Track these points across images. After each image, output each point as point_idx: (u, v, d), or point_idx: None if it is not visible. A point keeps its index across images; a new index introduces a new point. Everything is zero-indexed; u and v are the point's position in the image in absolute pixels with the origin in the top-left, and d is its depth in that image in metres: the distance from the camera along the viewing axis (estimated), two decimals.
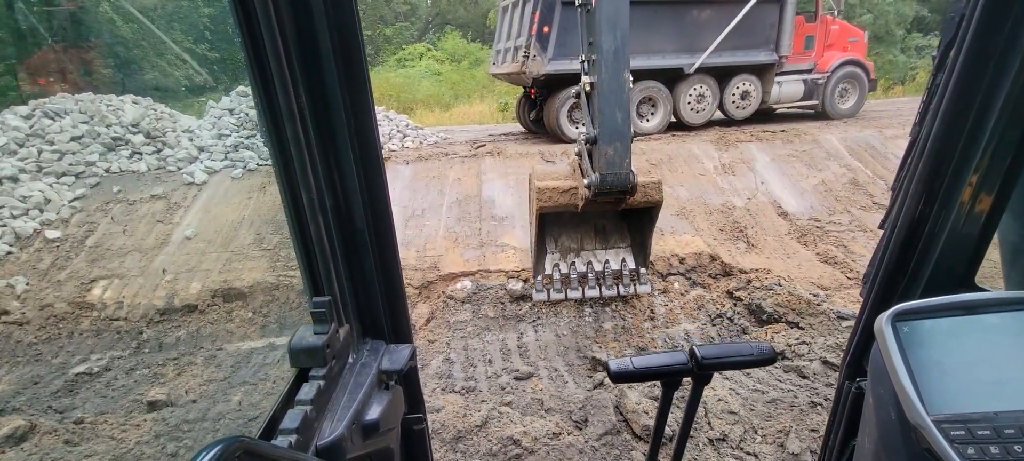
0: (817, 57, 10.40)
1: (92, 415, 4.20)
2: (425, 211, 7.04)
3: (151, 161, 7.89)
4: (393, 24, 28.63)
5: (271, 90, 0.82)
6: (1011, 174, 0.99)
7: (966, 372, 0.94)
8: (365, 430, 0.93)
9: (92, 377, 4.96)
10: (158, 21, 11.49)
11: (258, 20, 0.77)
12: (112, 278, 6.09)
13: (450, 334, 5.33)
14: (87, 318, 5.76)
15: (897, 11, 21.06)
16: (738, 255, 6.27)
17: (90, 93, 8.82)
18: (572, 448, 2.69)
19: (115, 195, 7.23)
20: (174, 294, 5.89)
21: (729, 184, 7.47)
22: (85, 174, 7.48)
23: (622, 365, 1.20)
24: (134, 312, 5.79)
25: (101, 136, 7.99)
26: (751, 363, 1.23)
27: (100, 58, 10.30)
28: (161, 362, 5.23)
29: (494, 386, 4.20)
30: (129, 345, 5.53)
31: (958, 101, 0.97)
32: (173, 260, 6.30)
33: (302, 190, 0.89)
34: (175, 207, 7.09)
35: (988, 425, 0.87)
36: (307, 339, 0.90)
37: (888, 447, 1.03)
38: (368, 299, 1.09)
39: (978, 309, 0.98)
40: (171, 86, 11.03)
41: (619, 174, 3.97)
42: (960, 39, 0.95)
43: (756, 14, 8.95)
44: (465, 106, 18.04)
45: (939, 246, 1.08)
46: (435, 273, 6.06)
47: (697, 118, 9.69)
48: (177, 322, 5.75)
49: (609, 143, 3.94)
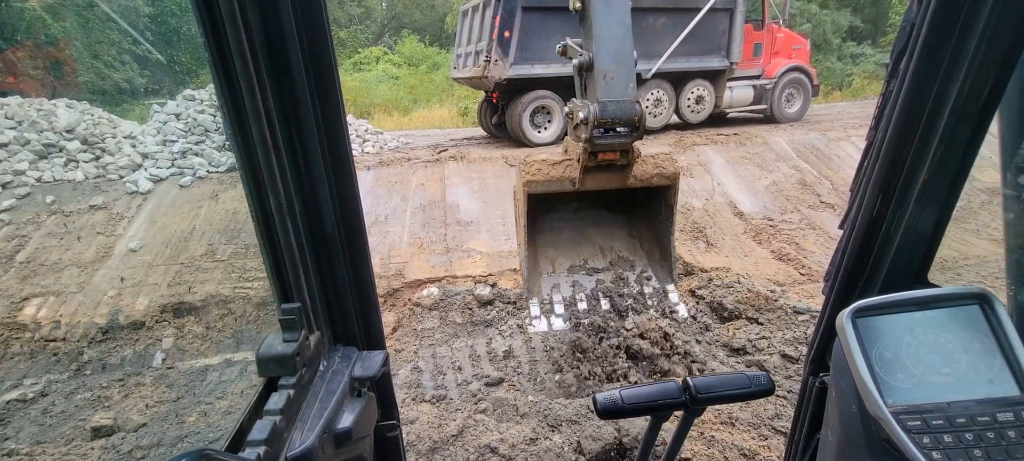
0: (765, 64, 10.92)
1: (28, 445, 3.87)
2: (388, 217, 6.90)
3: (89, 169, 7.38)
4: (347, 27, 28.05)
5: (236, 90, 0.79)
6: (959, 175, 1.04)
7: (921, 365, 0.99)
8: (337, 439, 0.91)
9: (26, 403, 4.57)
10: (93, 20, 10.77)
11: (222, 17, 0.75)
12: (47, 295, 5.64)
13: (418, 342, 5.23)
14: (18, 340, 5.31)
15: (833, 21, 22.45)
16: (698, 254, 6.47)
17: (17, 97, 8.18)
18: (549, 453, 2.68)
19: (48, 206, 6.71)
20: (118, 311, 5.51)
21: (688, 186, 7.70)
22: (13, 184, 6.91)
23: (610, 399, 1.15)
24: (73, 332, 5.38)
25: (31, 142, 7.41)
26: (749, 395, 1.19)
27: (28, 58, 9.56)
28: (105, 384, 4.88)
29: (465, 394, 4.15)
30: (68, 367, 5.13)
31: (910, 106, 1.01)
32: (116, 274, 5.90)
33: (269, 193, 0.87)
34: (117, 218, 6.65)
35: (941, 415, 0.92)
36: (276, 347, 0.88)
37: (850, 439, 1.07)
38: (339, 305, 1.07)
39: (931, 305, 1.04)
40: (108, 89, 10.35)
41: (622, 102, 3.21)
42: (911, 48, 0.99)
43: (708, 22, 9.30)
44: (425, 110, 17.85)
45: (895, 244, 1.13)
46: (401, 280, 5.94)
47: (655, 122, 9.96)
48: (122, 341, 5.38)
49: (609, 63, 3.23)
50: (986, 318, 1.00)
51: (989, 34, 0.90)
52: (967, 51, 0.93)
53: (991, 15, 0.88)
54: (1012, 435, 0.89)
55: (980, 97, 0.96)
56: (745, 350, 4.48)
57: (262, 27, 0.83)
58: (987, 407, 0.92)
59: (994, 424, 0.90)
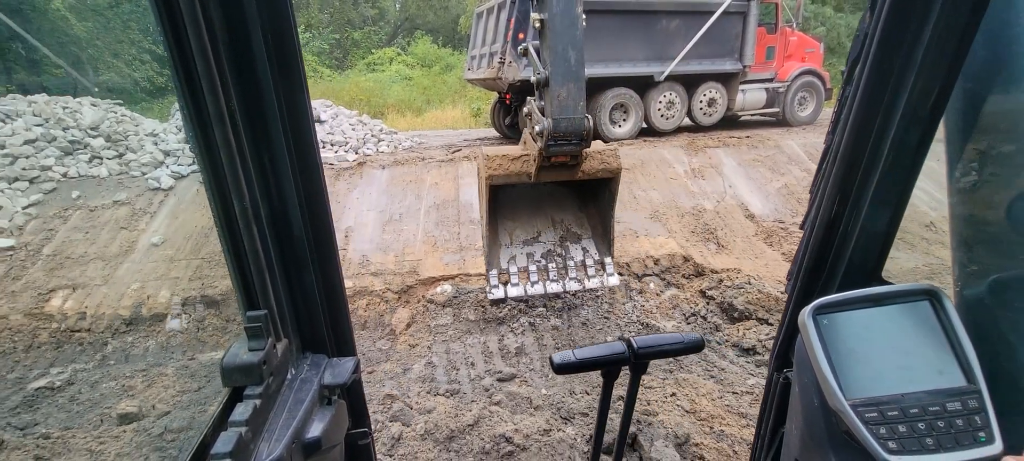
0: (777, 67, 10.89)
1: (59, 430, 4.02)
2: (403, 215, 7.01)
3: (112, 166, 7.58)
4: (361, 28, 28.32)
5: (198, 91, 0.77)
6: (910, 176, 1.09)
7: (877, 359, 1.03)
8: (306, 449, 0.88)
9: (54, 391, 4.73)
10: (114, 20, 11.02)
11: (182, 15, 0.72)
12: (73, 287, 5.82)
13: (432, 338, 5.33)
14: (45, 330, 5.48)
15: (847, 24, 22.30)
16: (709, 256, 6.50)
17: (44, 95, 8.42)
18: (563, 443, 2.76)
19: (74, 201, 6.91)
20: (142, 303, 5.67)
21: (699, 187, 7.73)
22: (40, 179, 7.12)
23: (564, 357, 1.26)
24: (98, 323, 5.55)
25: (57, 139, 7.62)
26: (682, 350, 1.31)
27: (51, 57, 9.83)
28: (129, 374, 5.04)
29: (478, 388, 4.24)
30: (93, 357, 5.30)
31: (865, 111, 1.05)
32: (140, 268, 6.07)
33: (234, 197, 0.84)
34: (140, 213, 6.83)
35: (896, 406, 0.96)
36: (241, 356, 0.85)
37: (812, 432, 1.11)
38: (308, 311, 1.05)
39: (885, 301, 1.08)
40: (129, 88, 10.59)
41: (573, 119, 3.67)
42: (864, 56, 1.04)
43: (722, 25, 9.32)
44: (437, 111, 18.00)
45: (851, 244, 1.17)
46: (415, 277, 6.04)
47: (667, 124, 9.99)
48: (145, 332, 5.54)
49: (562, 84, 3.64)
50: (935, 313, 1.05)
51: (936, 43, 0.94)
52: (916, 59, 0.97)
53: (938, 25, 0.93)
54: (960, 423, 0.94)
55: (928, 102, 1.00)
56: (755, 350, 4.52)
57: (225, 26, 0.80)
58: (937, 398, 0.97)
59: (944, 413, 0.95)
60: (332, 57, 24.73)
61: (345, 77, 21.36)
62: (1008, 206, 1.10)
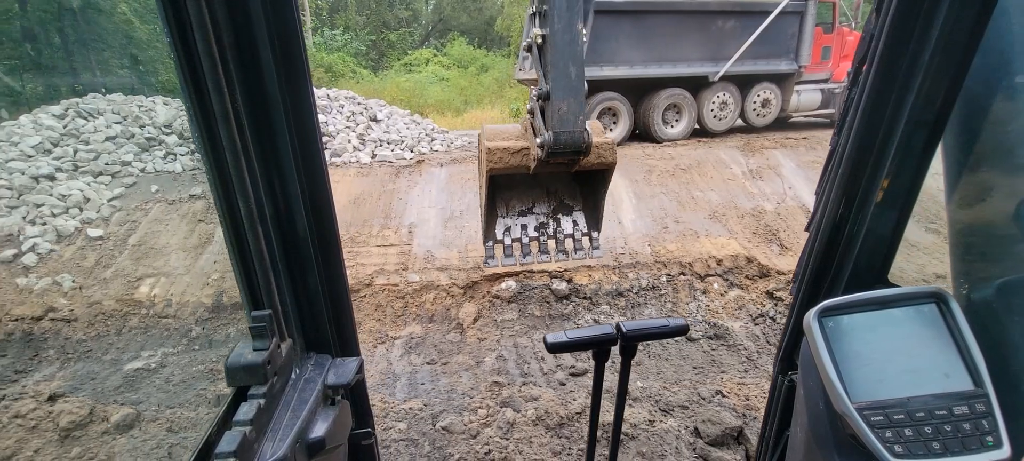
0: (833, 67, 10.65)
1: (163, 408, 4.27)
2: (463, 213, 7.15)
3: (186, 162, 7.95)
4: (397, 29, 28.80)
5: (203, 91, 0.77)
6: (917, 179, 1.08)
7: (883, 362, 1.02)
8: (310, 449, 0.88)
9: (150, 372, 5.02)
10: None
11: (189, 16, 0.73)
12: (158, 275, 6.14)
13: (499, 332, 5.44)
14: (136, 315, 5.81)
15: None
16: (773, 257, 6.43)
17: (120, 94, 8.89)
18: (669, 434, 2.81)
19: (153, 195, 7.28)
20: (222, 292, 5.95)
21: (758, 189, 7.64)
22: (121, 174, 7.53)
23: (558, 337, 1.33)
24: (182, 310, 5.85)
25: (135, 136, 8.05)
26: (667, 333, 1.36)
27: (115, 58, 10.37)
28: (215, 358, 5.30)
29: (552, 382, 4.32)
30: (180, 342, 5.59)
31: (871, 113, 1.05)
32: (217, 259, 6.36)
33: (239, 197, 0.84)
34: (215, 207, 7.15)
35: (902, 410, 0.95)
36: (245, 356, 0.85)
37: (818, 435, 1.10)
38: (312, 311, 1.05)
39: (890, 304, 1.07)
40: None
41: (573, 132, 3.78)
42: (870, 57, 1.03)
43: (778, 25, 9.17)
44: (477, 111, 18.19)
45: (857, 246, 1.16)
46: (479, 274, 6.17)
47: (720, 125, 9.88)
48: (226, 320, 5.81)
49: (562, 99, 3.75)
50: (942, 316, 1.04)
51: (943, 44, 0.93)
52: (922, 61, 0.96)
53: (945, 26, 0.92)
54: (967, 427, 0.93)
55: (935, 104, 0.99)
56: None
57: (231, 27, 0.81)
58: (944, 401, 0.95)
59: (950, 417, 0.94)
60: (368, 58, 25.22)
61: (384, 77, 21.76)
62: (1016, 208, 1.07)
